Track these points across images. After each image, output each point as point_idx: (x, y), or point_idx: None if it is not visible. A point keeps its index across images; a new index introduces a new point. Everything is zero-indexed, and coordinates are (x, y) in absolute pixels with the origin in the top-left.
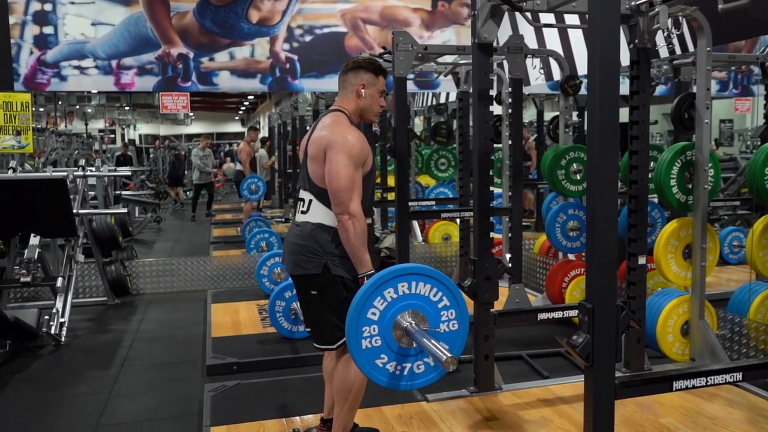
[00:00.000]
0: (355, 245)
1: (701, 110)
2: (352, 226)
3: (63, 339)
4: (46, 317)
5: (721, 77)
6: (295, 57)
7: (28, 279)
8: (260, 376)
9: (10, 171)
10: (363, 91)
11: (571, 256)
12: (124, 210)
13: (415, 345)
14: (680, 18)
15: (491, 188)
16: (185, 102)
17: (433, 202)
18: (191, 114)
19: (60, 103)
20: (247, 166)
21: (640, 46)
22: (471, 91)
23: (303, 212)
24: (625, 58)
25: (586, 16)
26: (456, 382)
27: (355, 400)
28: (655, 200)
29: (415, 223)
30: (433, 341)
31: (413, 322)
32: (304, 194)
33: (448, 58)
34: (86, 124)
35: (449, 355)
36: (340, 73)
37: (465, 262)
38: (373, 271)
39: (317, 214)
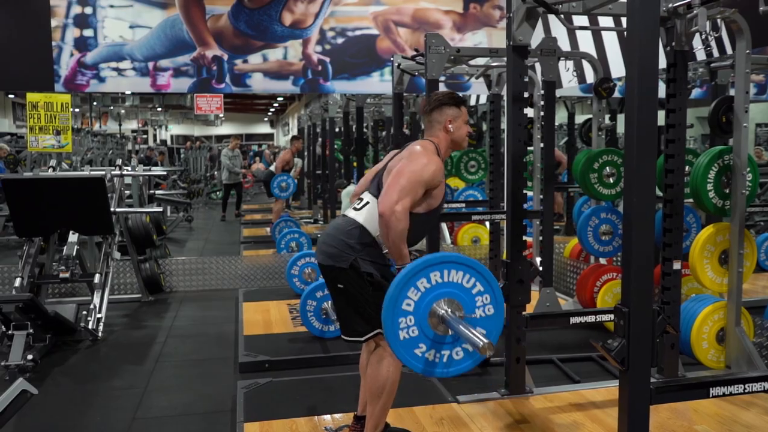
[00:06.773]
0: (394, 240)
1: (740, 114)
2: (394, 222)
3: (100, 334)
4: (84, 313)
5: (758, 80)
6: (327, 59)
7: (67, 275)
8: (292, 374)
9: (51, 170)
10: (451, 126)
11: (602, 261)
12: (159, 209)
13: (451, 332)
14: (718, 20)
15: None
16: (219, 103)
17: (463, 205)
18: (221, 115)
19: (95, 104)
20: (279, 169)
21: (677, 49)
22: (503, 93)
23: (355, 209)
24: (662, 62)
25: (622, 18)
26: (487, 384)
27: (388, 399)
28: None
29: (444, 226)
30: (469, 327)
31: (449, 310)
32: (368, 196)
33: (480, 61)
34: (120, 125)
35: (485, 341)
36: (423, 114)
37: (495, 265)
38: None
39: (367, 217)
